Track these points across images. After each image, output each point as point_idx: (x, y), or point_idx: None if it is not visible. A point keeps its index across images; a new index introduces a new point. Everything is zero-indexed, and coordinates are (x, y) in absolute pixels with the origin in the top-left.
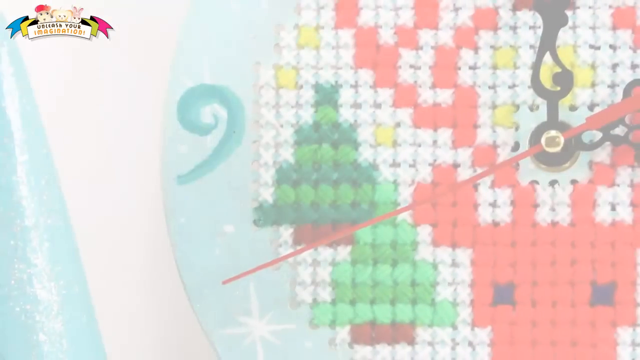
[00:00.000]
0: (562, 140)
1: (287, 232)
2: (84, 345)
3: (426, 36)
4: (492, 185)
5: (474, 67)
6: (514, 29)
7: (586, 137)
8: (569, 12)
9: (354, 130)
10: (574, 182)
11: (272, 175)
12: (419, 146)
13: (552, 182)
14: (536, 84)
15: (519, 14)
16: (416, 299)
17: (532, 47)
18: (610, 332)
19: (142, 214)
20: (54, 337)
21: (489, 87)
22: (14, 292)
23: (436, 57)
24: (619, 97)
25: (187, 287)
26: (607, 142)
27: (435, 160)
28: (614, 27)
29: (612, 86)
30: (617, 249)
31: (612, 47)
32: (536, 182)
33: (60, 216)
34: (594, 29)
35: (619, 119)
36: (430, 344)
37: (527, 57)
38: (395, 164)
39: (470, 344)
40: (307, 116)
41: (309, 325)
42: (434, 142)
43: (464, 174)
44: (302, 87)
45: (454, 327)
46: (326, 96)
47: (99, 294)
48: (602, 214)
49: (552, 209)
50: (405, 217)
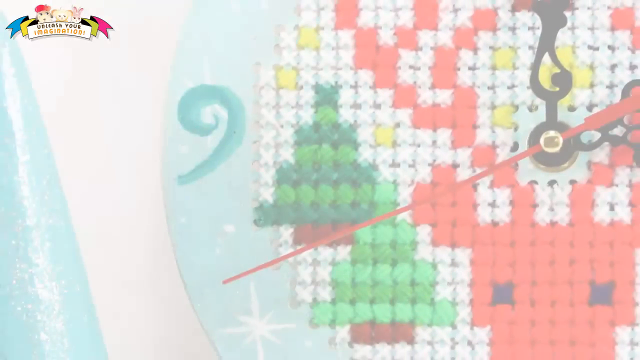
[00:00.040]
0: (560, 140)
1: (287, 232)
2: (85, 344)
3: (426, 37)
4: (491, 185)
5: (473, 68)
6: (513, 29)
7: (585, 138)
8: (567, 13)
9: (354, 130)
10: (572, 182)
11: (272, 175)
12: (419, 146)
13: (551, 182)
14: (535, 84)
15: (518, 14)
16: (416, 299)
17: (531, 47)
18: (608, 332)
19: (143, 214)
20: (55, 337)
21: (488, 88)
22: (16, 292)
23: (435, 58)
24: (617, 97)
25: (188, 286)
26: (606, 143)
27: (434, 160)
28: (613, 28)
29: (610, 87)
30: (615, 248)
31: (611, 48)
32: (535, 182)
33: (61, 216)
34: (592, 29)
35: (617, 119)
36: (429, 343)
37: (526, 57)
38: (394, 164)
39: (469, 343)
40: (307, 116)
41: (309, 324)
42: (434, 142)
43: (463, 174)
44: (302, 87)
45: (454, 326)
46: (326, 97)
47: (100, 293)
48: (601, 214)
49: (551, 209)
50: (404, 217)
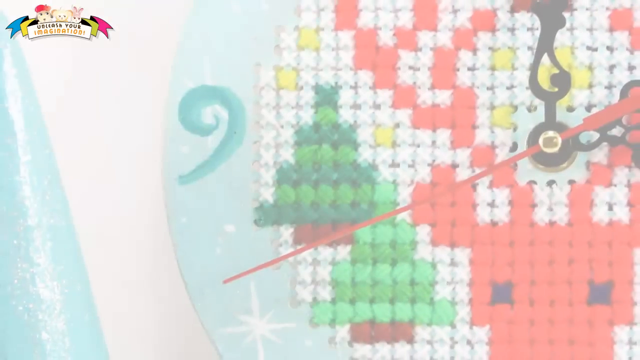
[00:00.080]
0: (559, 140)
1: (287, 232)
2: (86, 343)
3: (425, 38)
4: (491, 185)
5: (472, 69)
6: (512, 30)
7: (584, 138)
8: (566, 14)
9: (354, 130)
10: (571, 182)
11: (272, 175)
12: (418, 147)
13: (550, 182)
14: (534, 85)
15: (517, 15)
16: (415, 298)
17: (530, 48)
18: (607, 331)
19: (143, 214)
20: (57, 336)
21: (488, 88)
22: (17, 291)
23: (435, 59)
24: (616, 98)
25: (189, 286)
26: (605, 143)
27: (434, 160)
28: (611, 29)
29: (609, 87)
30: (614, 248)
31: (609, 49)
32: (534, 182)
33: (62, 216)
34: (591, 30)
35: (616, 119)
36: (429, 342)
37: (525, 58)
38: (394, 164)
39: (468, 342)
40: (307, 117)
41: (309, 324)
42: (433, 142)
43: (463, 174)
44: (302, 88)
45: (453, 325)
46: (326, 97)
47: (101, 293)
48: (600, 214)
49: (550, 209)
50: (404, 216)
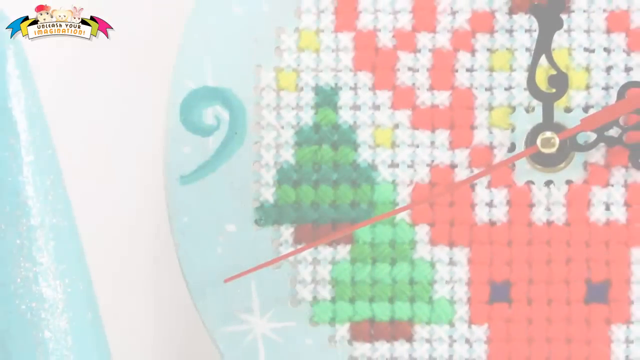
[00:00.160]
0: (557, 141)
1: (287, 232)
2: (89, 342)
3: (424, 39)
4: (489, 185)
5: (471, 70)
6: (510, 32)
7: (581, 138)
8: (564, 16)
9: (354, 131)
10: (569, 182)
11: (273, 175)
12: (417, 147)
13: (548, 183)
14: (532, 86)
15: (515, 17)
16: (414, 297)
17: (528, 49)
18: (604, 330)
19: (145, 214)
20: (59, 335)
21: (486, 89)
22: (20, 290)
23: (434, 60)
24: (613, 99)
25: (190, 285)
26: (602, 143)
27: (433, 160)
28: (608, 31)
29: (606, 88)
30: (611, 248)
31: (607, 50)
32: (532, 182)
33: (65, 216)
34: (588, 32)
35: (613, 120)
36: (428, 341)
37: (523, 59)
38: (393, 165)
39: (467, 341)
40: (308, 118)
41: (309, 322)
42: (432, 143)
43: (461, 174)
44: (302, 89)
45: (452, 324)
46: (326, 98)
47: (103, 292)
48: (597, 214)
49: (548, 209)
50: (403, 216)
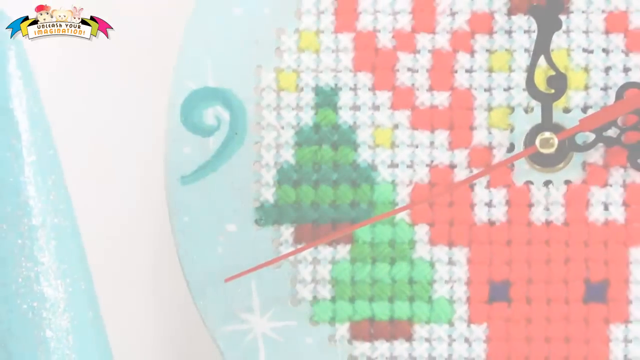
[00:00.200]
0: (556, 141)
1: (287, 231)
2: (90, 341)
3: (423, 40)
4: (488, 185)
5: (470, 70)
6: (509, 33)
7: (580, 139)
8: (562, 17)
9: (353, 131)
10: (567, 182)
11: (273, 175)
12: (417, 147)
13: (547, 183)
14: (531, 86)
15: (514, 18)
16: (414, 297)
17: (526, 50)
18: (603, 329)
19: (146, 214)
20: (61, 334)
21: (485, 90)
22: (22, 290)
23: (433, 61)
24: (611, 99)
25: (190, 284)
26: (600, 144)
27: (432, 161)
28: (607, 31)
29: (604, 89)
30: (609, 247)
31: (605, 51)
32: (531, 182)
33: (66, 215)
34: (587, 33)
35: (611, 121)
36: (427, 340)
37: (522, 60)
38: (393, 165)
39: (466, 340)
40: (308, 118)
41: (309, 322)
42: (431, 143)
43: (461, 174)
44: (302, 89)
45: (451, 323)
46: (326, 98)
47: (104, 291)
48: (595, 214)
49: (547, 209)
50: (403, 216)
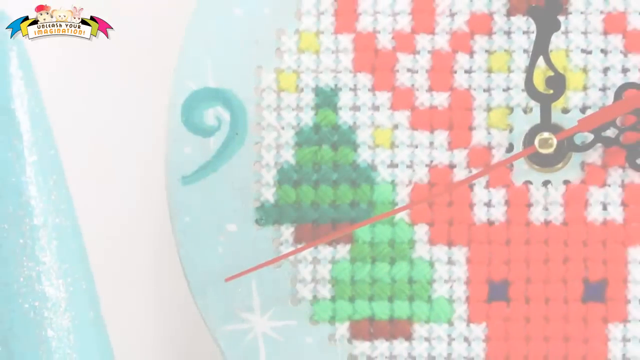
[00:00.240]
0: (554, 141)
1: (288, 231)
2: (91, 340)
3: (423, 41)
4: (487, 185)
5: (469, 71)
6: (508, 34)
7: (578, 139)
8: (561, 18)
9: (353, 132)
10: (566, 182)
11: (273, 175)
12: (416, 147)
13: (545, 183)
14: (530, 87)
15: (513, 19)
16: (413, 296)
17: (525, 51)
18: (601, 328)
19: (147, 214)
20: (62, 333)
21: (484, 90)
22: (23, 289)
23: (433, 61)
24: (610, 100)
25: (191, 284)
26: (599, 144)
27: (431, 161)
28: (605, 32)
29: (603, 89)
30: (608, 247)
31: (604, 52)
32: (530, 182)
33: (68, 215)
34: (585, 33)
35: (610, 121)
36: (427, 339)
37: (521, 61)
38: (393, 165)
39: (465, 339)
40: (308, 118)
41: (309, 321)
42: (431, 143)
43: (460, 174)
44: (302, 90)
45: (450, 323)
46: (326, 99)
47: (105, 291)
48: (594, 214)
49: (545, 209)
50: (402, 216)
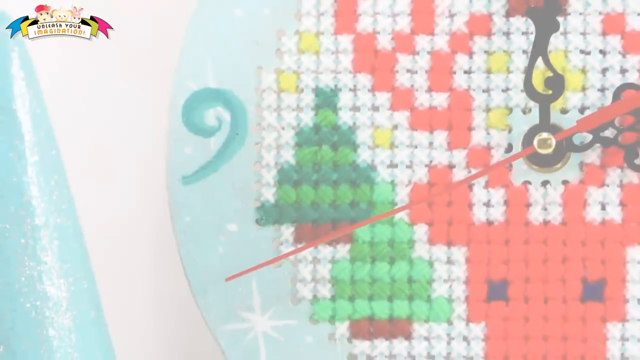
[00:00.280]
0: (553, 142)
1: (288, 231)
2: (92, 339)
3: (422, 42)
4: (486, 185)
5: (468, 72)
6: (507, 34)
7: (577, 139)
8: (560, 19)
9: (353, 132)
10: (565, 182)
11: (273, 175)
12: (416, 148)
13: (544, 183)
14: (529, 87)
15: (512, 20)
16: (413, 296)
17: (524, 52)
18: (600, 327)
19: (148, 214)
20: (63, 332)
21: (483, 91)
22: (25, 289)
23: (432, 62)
24: (608, 100)
25: (192, 283)
26: (597, 144)
27: (431, 161)
28: (604, 33)
29: (602, 90)
30: (606, 247)
31: (602, 52)
32: (529, 182)
33: (69, 215)
34: (584, 34)
35: (608, 121)
36: (426, 338)
37: (520, 62)
38: (392, 165)
39: (465, 338)
40: (308, 119)
41: (310, 320)
42: (430, 144)
43: (459, 174)
44: (302, 90)
45: (450, 322)
46: (326, 99)
47: (106, 290)
48: (592, 213)
49: (544, 209)
50: (402, 216)
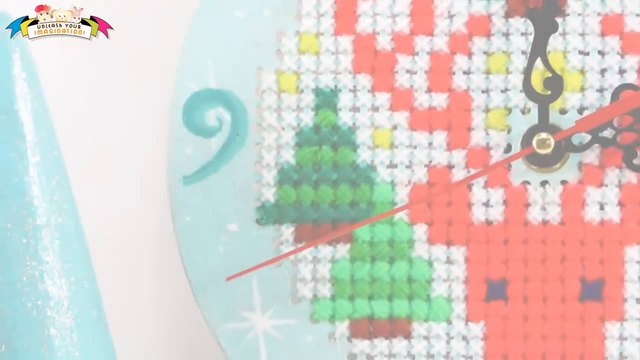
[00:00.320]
0: (552, 142)
1: (288, 231)
2: (93, 339)
3: (422, 42)
4: (486, 185)
5: (467, 72)
6: (507, 35)
7: (576, 139)
8: (559, 19)
9: (353, 132)
10: (564, 182)
11: (274, 175)
12: (415, 148)
13: (543, 183)
14: (528, 88)
15: (511, 21)
16: (412, 295)
17: (523, 52)
18: (598, 327)
19: (149, 213)
20: (64, 332)
21: (482, 91)
22: (26, 289)
23: (431, 63)
24: (607, 101)
25: (192, 283)
26: (596, 144)
27: (430, 161)
28: (603, 34)
29: (600, 90)
30: (605, 246)
31: (601, 53)
32: (528, 182)
33: (70, 215)
34: (583, 35)
35: (607, 122)
36: (426, 338)
37: (519, 62)
38: (392, 165)
39: (464, 338)
40: (308, 119)
41: (310, 320)
42: (430, 144)
43: (459, 174)
44: (302, 91)
45: (449, 321)
46: (326, 100)
47: (107, 289)
48: (591, 213)
49: (543, 209)
50: (402, 216)
